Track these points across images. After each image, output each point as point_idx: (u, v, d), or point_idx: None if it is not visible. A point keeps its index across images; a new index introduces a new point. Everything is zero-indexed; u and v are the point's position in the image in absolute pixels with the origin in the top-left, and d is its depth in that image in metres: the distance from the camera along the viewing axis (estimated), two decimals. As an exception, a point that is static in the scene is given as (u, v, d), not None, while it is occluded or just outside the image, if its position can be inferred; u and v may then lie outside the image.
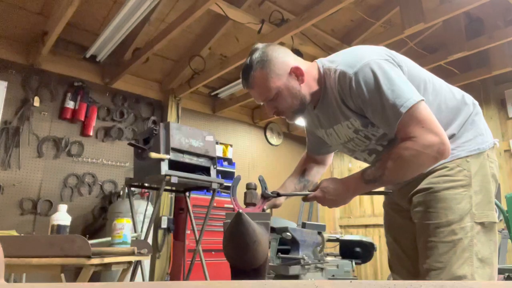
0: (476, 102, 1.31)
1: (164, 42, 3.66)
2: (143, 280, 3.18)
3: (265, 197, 1.29)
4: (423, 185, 1.22)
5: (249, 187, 1.26)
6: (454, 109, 1.25)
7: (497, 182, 1.27)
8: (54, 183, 4.00)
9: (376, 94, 1.12)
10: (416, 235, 1.25)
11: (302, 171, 1.56)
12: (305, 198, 1.30)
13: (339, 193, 1.23)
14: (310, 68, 1.31)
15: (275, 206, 1.42)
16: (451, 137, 1.20)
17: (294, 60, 1.31)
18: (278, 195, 1.32)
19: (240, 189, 1.27)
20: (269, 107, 1.33)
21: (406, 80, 1.15)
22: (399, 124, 1.10)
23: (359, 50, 1.26)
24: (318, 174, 1.59)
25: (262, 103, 1.35)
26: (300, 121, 1.55)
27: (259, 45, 1.33)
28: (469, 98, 1.30)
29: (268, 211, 1.40)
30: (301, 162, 1.61)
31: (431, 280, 1.12)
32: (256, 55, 1.28)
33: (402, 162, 1.11)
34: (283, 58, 1.29)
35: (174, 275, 4.35)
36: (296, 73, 1.28)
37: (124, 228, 1.99)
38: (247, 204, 1.24)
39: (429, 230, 1.17)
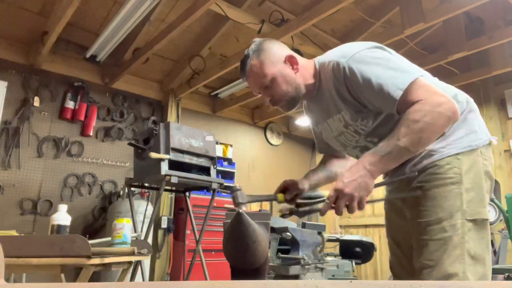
0: (471, 100, 1.29)
1: (164, 42, 3.66)
2: (143, 280, 3.18)
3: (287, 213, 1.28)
4: (414, 184, 1.22)
5: (234, 189, 1.27)
6: None
7: (491, 180, 1.25)
8: (54, 183, 4.00)
9: (372, 76, 1.14)
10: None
11: (324, 163, 1.57)
12: (329, 199, 1.13)
13: (354, 172, 1.10)
14: (306, 64, 1.37)
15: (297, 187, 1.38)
16: (441, 135, 1.18)
17: (289, 52, 1.38)
18: (297, 205, 1.29)
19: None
20: (265, 95, 1.38)
21: (401, 61, 1.19)
22: (402, 97, 1.09)
23: (351, 43, 1.31)
24: (342, 168, 1.52)
25: (259, 94, 1.40)
26: (300, 121, 1.56)
27: (257, 39, 1.41)
28: (462, 96, 1.28)
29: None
30: (323, 158, 1.62)
31: (423, 278, 1.12)
32: (253, 46, 1.37)
33: (415, 125, 1.06)
34: (278, 48, 1.37)
35: (174, 275, 4.35)
36: (291, 61, 1.34)
37: (124, 228, 1.99)
38: (236, 205, 1.24)
39: (421, 228, 1.17)
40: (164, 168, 2.87)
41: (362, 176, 1.09)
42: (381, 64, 1.15)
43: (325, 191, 1.46)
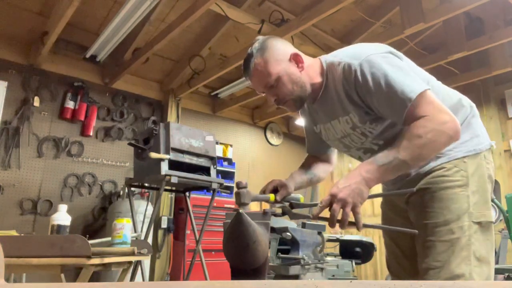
0: (473, 105, 1.32)
1: (164, 42, 3.66)
2: (143, 280, 3.18)
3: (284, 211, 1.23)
4: (420, 185, 1.22)
5: (239, 186, 1.18)
6: (451, 110, 1.25)
7: (493, 183, 1.27)
8: (54, 183, 4.00)
9: (383, 83, 1.12)
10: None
11: (308, 165, 1.56)
12: (323, 203, 1.10)
13: (349, 178, 1.08)
14: (312, 62, 1.34)
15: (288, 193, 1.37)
16: None
17: (294, 50, 1.34)
18: (292, 206, 1.24)
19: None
20: (270, 94, 1.34)
21: (411, 71, 1.17)
22: (409, 109, 1.08)
23: (363, 45, 1.29)
24: (324, 173, 1.57)
25: (263, 93, 1.36)
26: (300, 121, 1.55)
27: (260, 37, 1.37)
28: (466, 100, 1.31)
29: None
30: (306, 159, 1.62)
31: (430, 279, 1.13)
32: (256, 45, 1.33)
33: (417, 140, 1.06)
34: (283, 46, 1.33)
35: (174, 275, 4.35)
36: (296, 59, 1.31)
37: (124, 228, 1.99)
38: (240, 205, 1.18)
39: (427, 229, 1.18)
40: (164, 168, 2.87)
41: (357, 182, 1.07)
42: (393, 72, 1.13)
43: (300, 195, 1.45)
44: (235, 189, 1.21)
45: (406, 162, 1.08)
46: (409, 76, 1.13)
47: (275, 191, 1.37)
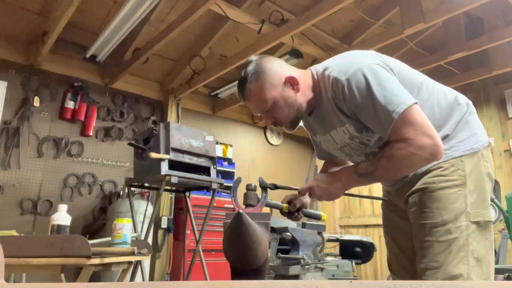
0: (470, 102, 1.32)
1: (164, 42, 3.66)
2: (143, 280, 3.18)
3: (262, 187, 1.33)
4: (418, 185, 1.23)
5: (248, 188, 1.27)
6: (447, 109, 1.26)
7: (492, 181, 1.27)
8: (54, 183, 4.00)
9: (369, 100, 1.13)
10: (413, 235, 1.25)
11: (324, 171, 1.57)
12: (300, 191, 1.32)
13: (331, 181, 1.27)
14: (304, 76, 1.33)
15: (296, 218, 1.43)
16: (445, 137, 1.21)
17: (288, 70, 1.32)
18: (275, 186, 1.37)
19: (241, 190, 1.27)
20: (267, 117, 1.34)
21: (399, 84, 1.16)
22: (392, 128, 1.11)
23: (351, 55, 1.27)
24: None
25: (259, 114, 1.36)
26: (300, 122, 1.54)
27: (253, 57, 1.34)
28: (462, 98, 1.31)
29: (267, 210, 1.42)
30: (323, 166, 1.64)
31: (427, 279, 1.13)
32: (250, 68, 1.30)
33: (394, 161, 1.15)
34: (277, 68, 1.30)
35: (174, 275, 4.35)
36: (291, 82, 1.29)
37: (124, 228, 1.99)
38: (247, 205, 1.25)
39: (425, 229, 1.18)
40: (164, 168, 2.87)
41: (336, 188, 1.27)
42: (380, 89, 1.13)
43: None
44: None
45: (382, 178, 1.25)
46: (395, 91, 1.13)
47: (289, 203, 1.40)
